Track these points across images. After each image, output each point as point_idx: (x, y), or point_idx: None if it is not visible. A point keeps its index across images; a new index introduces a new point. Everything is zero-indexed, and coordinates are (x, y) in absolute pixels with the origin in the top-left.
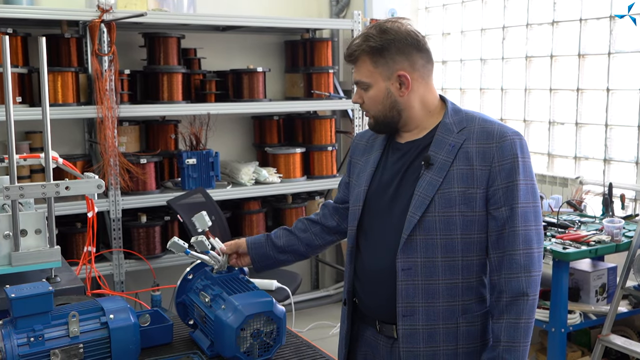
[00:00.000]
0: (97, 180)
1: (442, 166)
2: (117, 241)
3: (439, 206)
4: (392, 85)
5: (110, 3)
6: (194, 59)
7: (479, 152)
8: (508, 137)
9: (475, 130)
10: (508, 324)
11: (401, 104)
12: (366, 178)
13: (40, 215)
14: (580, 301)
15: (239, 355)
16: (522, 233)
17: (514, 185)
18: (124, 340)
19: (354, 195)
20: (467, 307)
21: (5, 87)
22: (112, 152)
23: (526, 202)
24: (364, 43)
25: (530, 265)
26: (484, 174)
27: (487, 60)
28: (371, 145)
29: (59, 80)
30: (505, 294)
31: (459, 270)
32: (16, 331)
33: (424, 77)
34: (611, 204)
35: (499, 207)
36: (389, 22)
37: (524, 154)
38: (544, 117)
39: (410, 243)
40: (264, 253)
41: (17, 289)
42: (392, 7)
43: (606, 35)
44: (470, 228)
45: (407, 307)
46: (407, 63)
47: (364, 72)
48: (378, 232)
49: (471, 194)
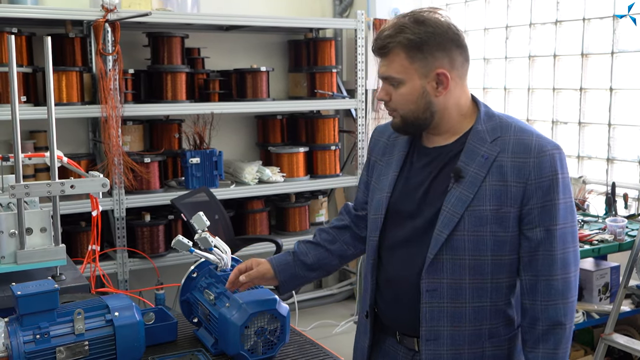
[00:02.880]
0: (102, 179)
1: (474, 180)
2: (121, 240)
3: (469, 225)
4: (429, 84)
5: (115, 3)
6: (197, 58)
7: (515, 167)
8: (547, 151)
9: (510, 141)
10: (545, 354)
11: (436, 105)
12: (389, 183)
13: (46, 213)
14: (583, 300)
15: (243, 353)
16: (560, 257)
17: (551, 205)
18: (129, 337)
19: (374, 200)
20: (494, 330)
21: (11, 86)
22: (116, 151)
23: (564, 222)
24: (399, 34)
25: (567, 292)
26: (519, 191)
27: (490, 60)
28: (392, 144)
29: (63, 79)
30: (541, 322)
31: (488, 293)
32: (22, 328)
33: (461, 77)
34: (614, 203)
35: (533, 228)
36: (426, 12)
37: (564, 170)
38: (547, 117)
39: (436, 263)
40: (293, 274)
41: (23, 286)
42: (395, 6)
43: (609, 34)
44: (501, 249)
45: (431, 331)
46: (447, 60)
47: (396, 67)
48: (401, 245)
49: (504, 213)
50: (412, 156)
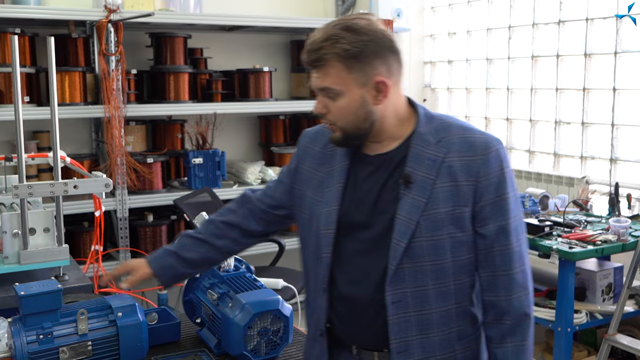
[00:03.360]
0: (105, 179)
1: (424, 184)
2: (123, 240)
3: (426, 230)
4: (368, 92)
5: (117, 3)
6: (200, 58)
7: (463, 166)
8: (492, 147)
9: (455, 140)
10: (515, 347)
11: (375, 113)
12: (335, 195)
13: (49, 214)
14: (586, 301)
15: (246, 353)
16: (517, 250)
17: (502, 200)
18: (132, 338)
19: (321, 215)
20: (462, 332)
21: (15, 87)
22: (119, 152)
23: (515, 215)
24: (335, 45)
25: (527, 282)
26: (470, 190)
27: (493, 60)
28: (331, 154)
29: (66, 80)
30: (509, 315)
31: (452, 295)
32: (25, 328)
33: (398, 82)
34: (617, 203)
35: (486, 224)
36: (357, 19)
37: (508, 164)
38: (550, 117)
39: (398, 273)
40: (175, 274)
41: (27, 286)
42: (398, 6)
43: (612, 34)
44: (460, 250)
45: (400, 343)
46: (385, 67)
47: (333, 79)
48: (355, 258)
49: (459, 214)
50: (355, 166)
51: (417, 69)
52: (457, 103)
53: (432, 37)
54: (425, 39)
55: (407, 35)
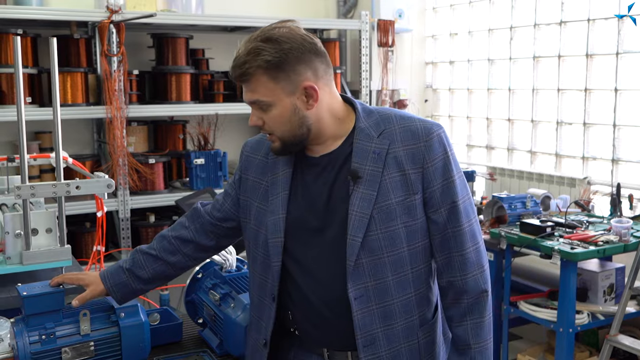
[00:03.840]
0: (108, 179)
1: (373, 177)
2: (125, 240)
3: (380, 222)
4: (298, 99)
5: (119, 4)
6: (202, 59)
7: (408, 155)
8: (434, 132)
9: (396, 131)
10: (474, 324)
11: (310, 118)
12: (281, 204)
13: (51, 214)
14: (588, 301)
15: None
16: (468, 230)
17: (449, 183)
18: (134, 338)
19: (268, 224)
20: (423, 318)
21: (17, 88)
22: (120, 152)
23: (463, 196)
24: (256, 58)
25: (481, 260)
26: (418, 177)
27: (494, 61)
28: (273, 162)
29: (68, 80)
30: (467, 294)
31: (410, 284)
32: (28, 329)
33: (327, 84)
34: (619, 204)
35: (437, 209)
36: (276, 28)
37: (450, 147)
38: (552, 118)
39: (357, 269)
40: (129, 291)
41: (29, 287)
42: (400, 7)
43: (614, 35)
44: (414, 237)
45: (366, 337)
46: (311, 72)
47: (262, 91)
48: (314, 261)
49: (410, 202)
50: (300, 171)
51: (418, 69)
52: (458, 103)
53: (433, 38)
54: (427, 40)
55: (409, 36)
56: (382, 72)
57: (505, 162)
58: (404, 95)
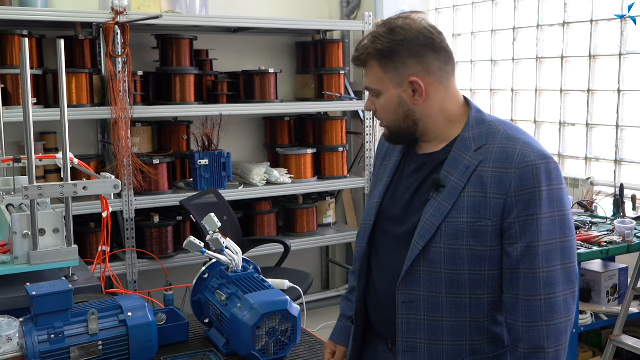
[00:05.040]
0: (114, 180)
1: (453, 191)
2: (130, 241)
3: (445, 237)
4: (405, 92)
5: (124, 5)
6: (206, 60)
7: (495, 178)
8: (530, 161)
9: (494, 150)
10: None
11: (417, 113)
12: (381, 189)
13: (59, 214)
14: (591, 302)
15: (254, 353)
16: (544, 276)
17: (533, 220)
18: (142, 337)
19: (368, 206)
20: (476, 347)
21: (25, 89)
22: (125, 153)
23: (550, 238)
24: (371, 45)
25: (552, 313)
26: (499, 203)
27: (497, 62)
28: (392, 149)
29: (73, 81)
30: (523, 343)
31: (467, 308)
32: (37, 328)
33: (442, 82)
34: (622, 204)
35: (514, 243)
36: (400, 19)
37: (551, 181)
38: (555, 118)
39: (412, 274)
40: None
41: (38, 287)
42: (403, 8)
43: (617, 36)
44: (479, 263)
45: (407, 343)
46: (421, 67)
47: (373, 78)
48: (386, 253)
49: (481, 227)
50: (405, 163)
51: None
52: None
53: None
54: None
55: None
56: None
57: None
58: None
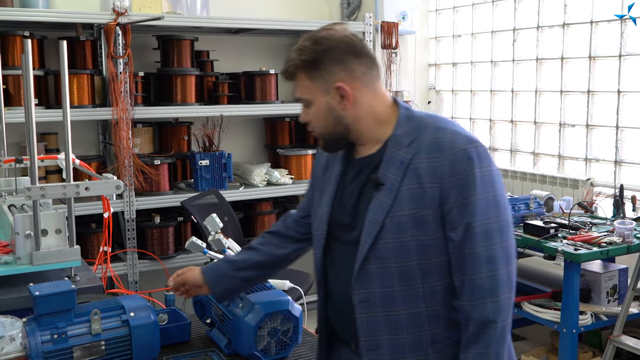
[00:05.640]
0: (116, 181)
1: (392, 186)
2: (131, 241)
3: (390, 231)
4: (333, 99)
5: (125, 6)
6: (206, 61)
7: (429, 168)
8: (459, 147)
9: (425, 142)
10: (477, 355)
11: (346, 117)
12: (328, 198)
13: (61, 215)
14: (591, 302)
15: (256, 353)
16: (485, 255)
17: (469, 202)
18: (144, 337)
19: (317, 217)
20: (436, 336)
21: (27, 91)
22: (126, 154)
23: (486, 218)
24: (297, 57)
25: (497, 289)
26: (435, 192)
27: (497, 63)
28: (333, 158)
29: (74, 82)
30: (472, 321)
31: (421, 298)
32: (40, 328)
33: (368, 85)
34: (622, 205)
35: (454, 228)
36: (323, 30)
37: (482, 164)
38: (555, 119)
39: (364, 273)
40: (220, 274)
41: (41, 287)
42: (403, 9)
43: (617, 37)
44: (426, 252)
45: (370, 341)
46: (345, 73)
47: (302, 89)
48: (340, 259)
49: (422, 216)
50: (347, 170)
51: (421, 71)
52: (461, 105)
53: (436, 40)
54: (430, 42)
55: (412, 38)
56: (385, 73)
57: (508, 164)
58: (407, 97)
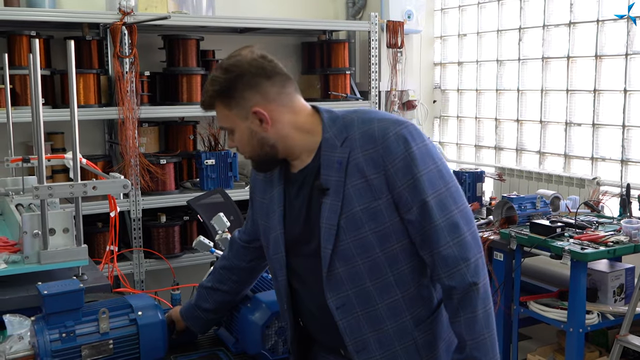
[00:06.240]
0: (123, 180)
1: (337, 188)
2: (137, 240)
3: (348, 231)
4: (252, 123)
5: (131, 6)
6: (212, 60)
7: (368, 161)
8: (390, 132)
9: (356, 137)
10: (466, 320)
11: (270, 138)
12: (278, 220)
13: (68, 214)
14: (598, 302)
15: (264, 352)
16: (445, 225)
17: (415, 181)
18: (152, 336)
19: (270, 240)
20: (418, 317)
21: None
22: (133, 153)
23: (436, 190)
24: (210, 88)
25: (466, 253)
26: (381, 181)
27: (503, 62)
28: (269, 180)
29: (80, 82)
30: (455, 290)
31: (394, 286)
32: (48, 327)
33: (284, 104)
34: (629, 204)
35: (409, 209)
36: (231, 57)
37: (416, 141)
38: (561, 119)
39: (333, 278)
40: (203, 323)
41: (49, 286)
42: (409, 8)
43: (623, 36)
44: (388, 241)
45: (357, 343)
46: (260, 96)
47: (222, 118)
48: (306, 272)
49: (375, 208)
50: (287, 187)
51: (427, 70)
52: (467, 104)
53: (442, 39)
54: (436, 41)
55: (418, 37)
56: (391, 73)
57: (514, 163)
58: (413, 96)
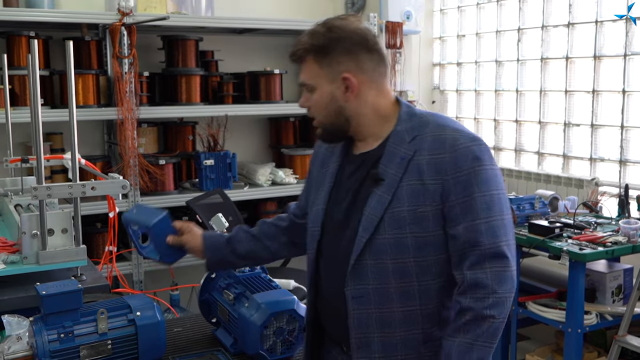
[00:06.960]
0: (122, 181)
1: (392, 182)
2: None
3: (389, 227)
4: (337, 88)
5: (130, 6)
6: (211, 61)
7: (431, 165)
8: (462, 144)
9: (427, 138)
10: (461, 344)
11: (348, 110)
12: (324, 195)
13: (67, 214)
14: (596, 302)
15: (262, 353)
16: (490, 252)
17: (472, 199)
18: (151, 337)
19: (312, 213)
20: (428, 335)
21: (34, 91)
22: (132, 153)
23: (490, 215)
24: (309, 41)
25: (499, 286)
26: (437, 189)
27: (502, 62)
28: (330, 154)
29: (79, 82)
30: (470, 312)
31: (416, 296)
32: (47, 327)
33: (374, 81)
34: (627, 205)
35: (456, 225)
36: (337, 19)
37: (484, 162)
38: (560, 119)
39: (359, 268)
40: (221, 258)
41: (47, 286)
42: (408, 9)
43: (622, 37)
44: (424, 250)
45: (361, 338)
46: (354, 64)
47: (308, 74)
48: (335, 254)
49: (422, 213)
50: (344, 165)
51: (426, 71)
52: (466, 105)
53: (441, 40)
54: (435, 41)
55: (417, 38)
56: (390, 73)
57: (513, 164)
58: (412, 97)
